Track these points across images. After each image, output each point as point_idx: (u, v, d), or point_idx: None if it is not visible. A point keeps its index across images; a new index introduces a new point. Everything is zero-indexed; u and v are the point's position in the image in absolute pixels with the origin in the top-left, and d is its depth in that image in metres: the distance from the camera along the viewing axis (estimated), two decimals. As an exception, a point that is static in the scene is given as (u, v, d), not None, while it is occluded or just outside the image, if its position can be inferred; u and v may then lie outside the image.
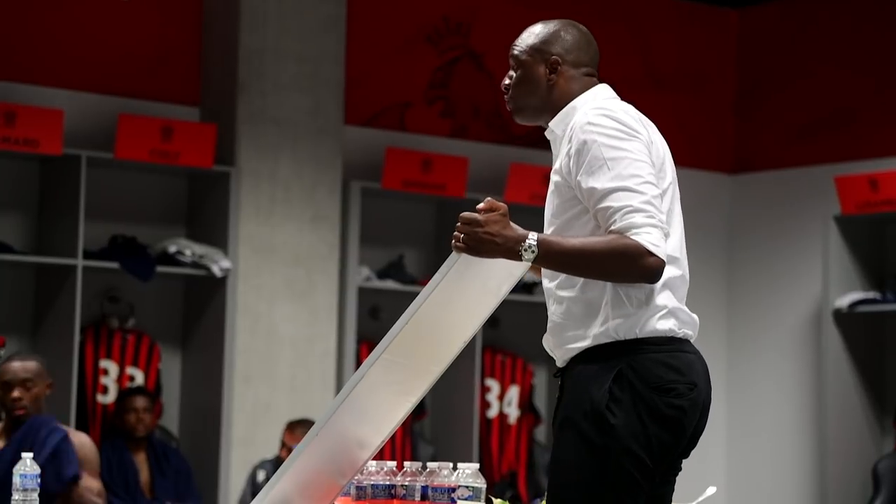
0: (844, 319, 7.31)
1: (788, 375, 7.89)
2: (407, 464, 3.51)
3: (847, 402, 7.32)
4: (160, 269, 6.46)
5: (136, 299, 6.64)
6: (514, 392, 7.40)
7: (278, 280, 6.71)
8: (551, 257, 2.89)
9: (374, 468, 3.44)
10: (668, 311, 2.97)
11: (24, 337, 6.40)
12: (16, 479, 3.68)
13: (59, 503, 5.00)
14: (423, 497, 3.42)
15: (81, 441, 5.12)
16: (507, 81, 3.16)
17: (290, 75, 6.77)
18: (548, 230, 3.04)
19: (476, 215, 2.90)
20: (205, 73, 6.85)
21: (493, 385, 7.34)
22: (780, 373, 7.93)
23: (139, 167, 6.54)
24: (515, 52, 3.15)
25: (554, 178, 3.03)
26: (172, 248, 6.51)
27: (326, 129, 6.84)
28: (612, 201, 2.88)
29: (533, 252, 2.87)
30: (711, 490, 3.66)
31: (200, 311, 6.68)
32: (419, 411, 7.06)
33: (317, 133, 6.82)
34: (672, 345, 2.97)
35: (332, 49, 6.87)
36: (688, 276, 3.07)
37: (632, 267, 2.85)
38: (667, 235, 2.91)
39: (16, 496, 3.66)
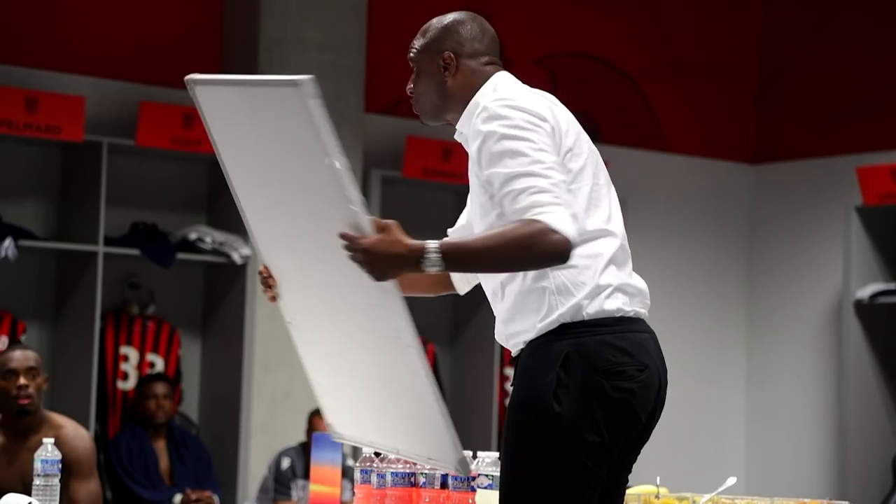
0: (865, 310, 7.28)
1: (809, 366, 7.87)
2: (427, 452, 3.51)
3: (867, 393, 7.30)
4: (180, 255, 6.47)
5: (157, 286, 6.66)
6: (533, 381, 7.39)
7: (298, 268, 6.71)
8: (456, 260, 2.80)
9: (393, 456, 3.44)
10: (613, 288, 2.90)
11: (45, 323, 6.42)
12: (37, 465, 3.68)
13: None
14: (443, 485, 3.42)
15: (74, 443, 4.77)
16: (410, 86, 3.11)
17: (311, 64, 6.77)
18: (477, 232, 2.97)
19: (362, 243, 2.78)
20: (226, 62, 6.86)
21: (511, 373, 7.34)
22: (800, 364, 7.91)
23: (160, 154, 6.55)
24: (410, 54, 3.11)
25: (472, 180, 2.97)
26: (193, 236, 6.53)
27: (347, 117, 6.84)
28: (515, 184, 2.81)
29: (436, 261, 2.78)
30: (731, 480, 3.66)
31: (220, 298, 6.69)
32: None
33: (337, 121, 6.75)
34: (621, 325, 2.90)
35: (354, 37, 6.86)
36: (628, 247, 3.00)
37: (537, 248, 2.76)
38: (574, 217, 2.82)
39: (37, 481, 3.67)
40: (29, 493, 3.67)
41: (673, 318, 7.66)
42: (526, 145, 2.85)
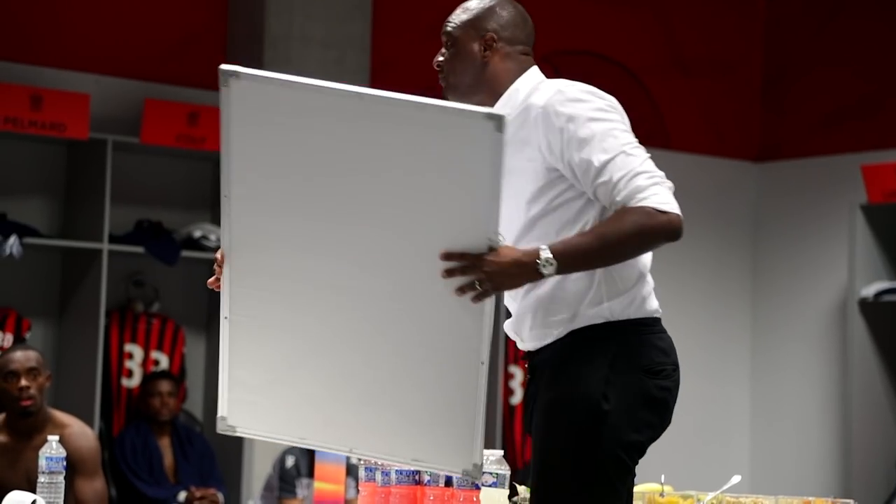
0: (870, 308, 7.28)
1: (813, 365, 7.86)
2: (431, 450, 3.50)
3: (872, 391, 7.29)
4: (185, 253, 6.47)
5: (161, 283, 6.66)
6: (537, 379, 7.40)
7: (303, 265, 6.71)
8: (569, 261, 2.80)
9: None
10: (651, 288, 2.98)
11: (49, 320, 6.42)
12: (41, 462, 3.68)
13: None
14: (448, 483, 3.41)
15: (79, 442, 4.83)
16: (439, 58, 3.08)
17: (316, 61, 6.77)
18: (516, 221, 2.96)
19: (482, 258, 2.79)
20: (231, 59, 6.86)
21: (517, 372, 7.35)
22: (804, 362, 7.90)
23: (165, 152, 6.56)
24: (449, 28, 3.08)
25: (518, 164, 2.94)
26: (197, 233, 6.53)
27: (352, 114, 6.83)
28: (612, 172, 2.83)
29: (552, 264, 2.78)
30: (736, 479, 3.66)
31: (225, 296, 6.68)
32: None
33: (342, 119, 6.82)
34: (657, 325, 2.97)
35: (358, 35, 6.86)
36: None
37: (649, 234, 2.81)
38: (671, 189, 2.86)
39: (41, 478, 3.67)
40: (34, 492, 3.67)
41: (677, 316, 7.63)
42: (611, 126, 2.88)
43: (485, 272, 2.76)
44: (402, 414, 2.99)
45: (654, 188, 2.81)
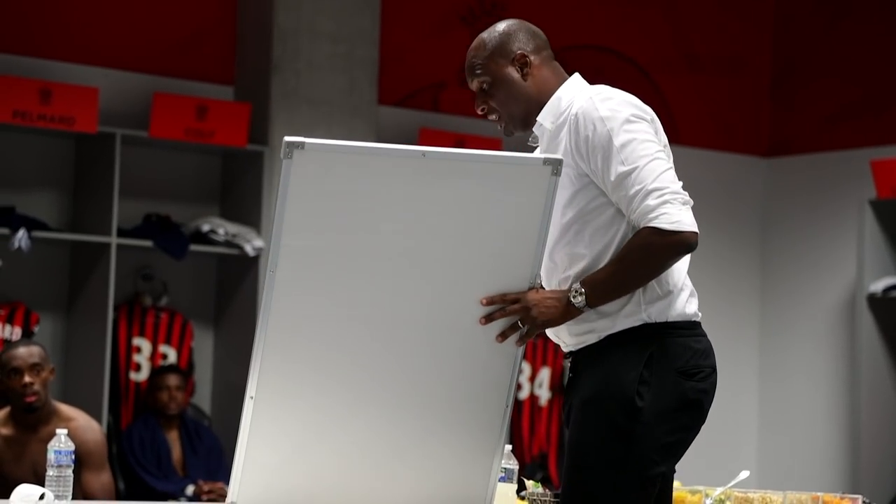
0: (879, 304, 7.27)
1: (822, 360, 7.85)
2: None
3: (881, 387, 7.29)
4: (193, 247, 6.48)
5: (170, 277, 6.67)
6: (545, 374, 7.41)
7: (311, 260, 6.70)
8: (597, 293, 2.92)
9: None
10: (690, 292, 3.02)
11: (58, 314, 6.43)
12: (50, 455, 3.68)
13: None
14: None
15: (85, 436, 4.83)
16: (482, 106, 3.11)
17: (325, 55, 6.77)
18: (552, 226, 3.01)
19: (524, 295, 2.94)
20: (239, 53, 6.86)
21: (525, 367, 7.35)
22: (813, 358, 7.90)
23: (174, 146, 6.56)
24: (478, 70, 3.10)
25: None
26: (206, 227, 6.53)
27: (360, 108, 6.84)
28: (626, 187, 2.90)
29: (582, 294, 2.92)
30: (744, 474, 3.66)
31: (233, 290, 6.70)
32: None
33: (351, 113, 6.83)
34: (695, 328, 3.01)
35: (367, 29, 6.86)
36: None
37: (662, 255, 2.88)
38: (686, 203, 2.90)
39: (50, 472, 3.67)
40: (41, 485, 3.67)
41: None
42: (632, 137, 2.93)
43: (526, 308, 2.91)
44: (418, 472, 3.05)
45: (662, 207, 2.86)
